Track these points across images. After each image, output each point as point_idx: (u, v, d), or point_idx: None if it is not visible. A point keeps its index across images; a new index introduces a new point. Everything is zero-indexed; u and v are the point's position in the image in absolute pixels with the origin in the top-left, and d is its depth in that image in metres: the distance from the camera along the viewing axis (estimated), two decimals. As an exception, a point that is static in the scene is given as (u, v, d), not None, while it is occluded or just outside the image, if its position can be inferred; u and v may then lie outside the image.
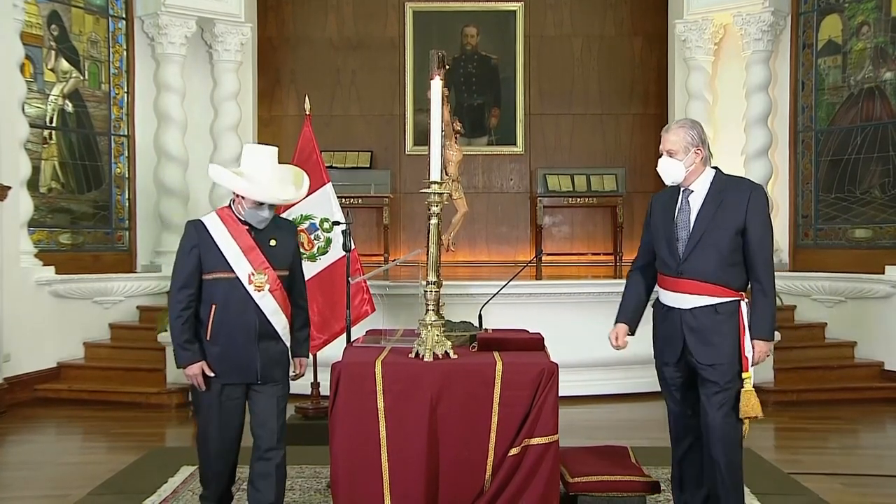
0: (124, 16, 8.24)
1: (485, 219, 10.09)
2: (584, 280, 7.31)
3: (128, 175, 8.27)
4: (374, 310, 5.52)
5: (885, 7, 7.52)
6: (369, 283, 5.47)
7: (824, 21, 8.06)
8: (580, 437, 5.00)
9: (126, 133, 8.26)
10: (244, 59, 8.69)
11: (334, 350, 4.48)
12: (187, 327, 3.40)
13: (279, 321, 3.47)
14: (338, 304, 5.18)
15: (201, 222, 3.47)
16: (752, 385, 3.31)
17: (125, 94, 8.25)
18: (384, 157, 10.01)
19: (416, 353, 3.49)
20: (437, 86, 3.58)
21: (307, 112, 5.66)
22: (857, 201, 7.73)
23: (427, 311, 3.50)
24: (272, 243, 3.48)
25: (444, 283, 3.75)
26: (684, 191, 3.44)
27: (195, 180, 8.31)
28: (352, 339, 4.52)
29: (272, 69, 9.97)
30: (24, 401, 6.60)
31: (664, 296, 3.48)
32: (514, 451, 3.36)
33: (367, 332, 4.20)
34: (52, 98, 7.54)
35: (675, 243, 3.39)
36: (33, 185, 7.19)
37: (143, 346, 7.00)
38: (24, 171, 6.88)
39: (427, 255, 3.54)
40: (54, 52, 7.55)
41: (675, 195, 3.47)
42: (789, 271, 7.93)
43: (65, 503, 4.27)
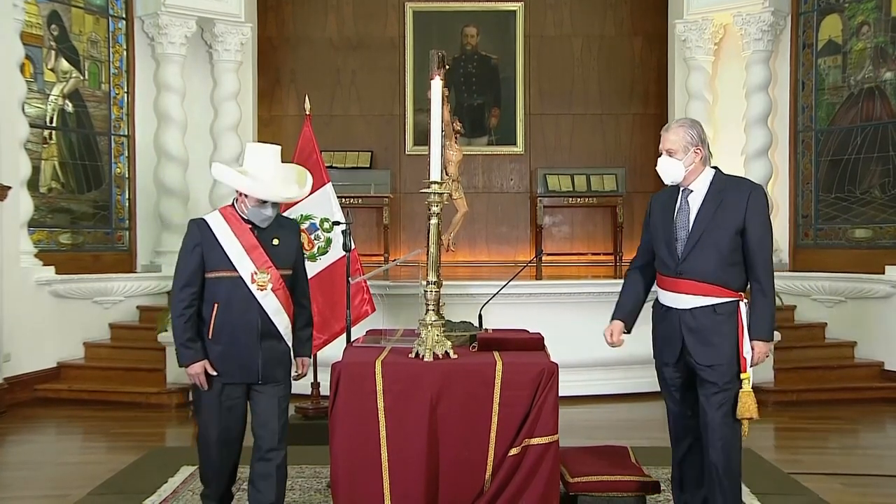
0: (124, 16, 8.24)
1: (485, 219, 10.09)
2: (584, 280, 7.31)
3: (128, 175, 8.27)
4: (374, 310, 5.53)
5: (885, 7, 7.52)
6: (369, 283, 5.47)
7: (824, 21, 8.06)
8: (580, 437, 5.00)
9: (126, 133, 8.26)
10: (244, 59, 8.69)
11: (334, 350, 4.48)
12: (189, 326, 3.38)
13: (281, 321, 3.46)
14: (338, 304, 5.18)
15: (204, 221, 3.46)
16: (750, 386, 3.30)
17: (125, 94, 8.25)
18: (384, 157, 10.02)
19: (416, 353, 3.48)
20: (437, 86, 3.58)
21: (307, 112, 5.66)
22: (857, 201, 7.73)
23: (427, 311, 3.50)
24: (275, 242, 3.47)
25: (444, 283, 3.75)
26: (684, 190, 3.43)
27: (195, 180, 8.33)
28: (352, 339, 4.52)
29: (272, 69, 9.97)
30: (24, 401, 6.60)
31: (663, 296, 3.47)
32: (514, 451, 3.36)
33: (367, 332, 4.20)
34: (52, 98, 7.54)
35: (675, 243, 3.38)
36: (33, 185, 7.19)
37: (143, 346, 7.01)
38: (24, 171, 6.88)
39: (427, 255, 3.54)
40: (54, 52, 7.55)
41: (674, 195, 3.46)
42: (789, 271, 7.93)
43: (65, 503, 4.26)
